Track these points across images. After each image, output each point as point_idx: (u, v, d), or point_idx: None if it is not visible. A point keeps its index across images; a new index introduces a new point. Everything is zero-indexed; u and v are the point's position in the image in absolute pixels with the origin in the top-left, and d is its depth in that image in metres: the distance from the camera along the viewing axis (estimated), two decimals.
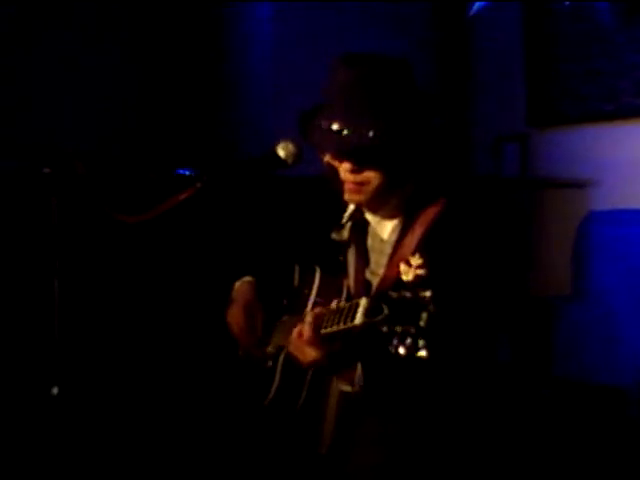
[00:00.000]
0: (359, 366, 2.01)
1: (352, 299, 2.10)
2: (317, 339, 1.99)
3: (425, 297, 1.76)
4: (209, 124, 4.13)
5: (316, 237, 2.32)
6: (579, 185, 4.05)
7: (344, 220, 2.26)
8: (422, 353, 1.75)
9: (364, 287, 2.18)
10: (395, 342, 1.76)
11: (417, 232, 2.11)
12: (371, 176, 2.08)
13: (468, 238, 2.08)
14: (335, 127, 2.05)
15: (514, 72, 4.43)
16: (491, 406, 2.19)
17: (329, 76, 2.11)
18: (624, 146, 4.03)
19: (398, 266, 2.06)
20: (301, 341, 2.01)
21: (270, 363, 2.29)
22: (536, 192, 4.04)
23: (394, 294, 1.79)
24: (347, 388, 2.07)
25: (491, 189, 3.71)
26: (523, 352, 3.94)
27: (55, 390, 2.19)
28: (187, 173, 2.17)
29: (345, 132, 2.03)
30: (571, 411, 3.72)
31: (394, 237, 2.17)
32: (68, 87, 3.77)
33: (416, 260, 2.03)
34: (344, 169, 2.10)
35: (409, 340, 1.75)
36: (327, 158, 2.14)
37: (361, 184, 2.10)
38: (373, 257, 2.22)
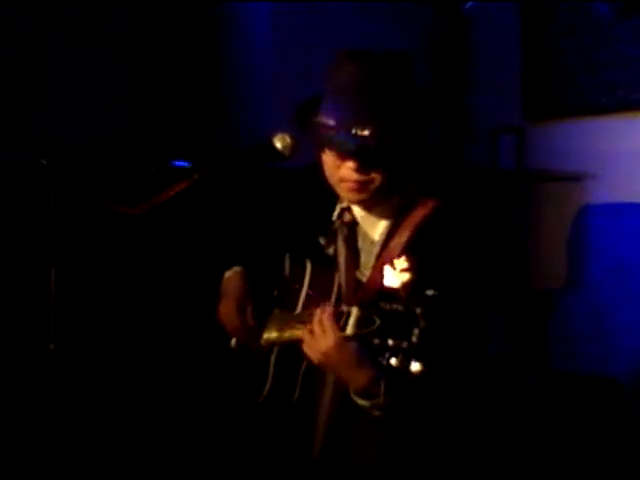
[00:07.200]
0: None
1: (342, 298, 2.10)
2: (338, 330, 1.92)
3: (417, 313, 1.75)
4: (207, 118, 4.13)
5: (307, 228, 2.29)
6: (575, 178, 4.06)
7: (333, 218, 2.23)
8: (415, 368, 1.75)
9: (355, 286, 2.15)
10: (387, 355, 1.77)
11: (404, 235, 2.09)
12: (376, 176, 2.05)
13: (457, 241, 2.05)
14: (344, 126, 2.00)
15: (510, 64, 4.43)
16: (487, 400, 2.18)
17: (333, 70, 2.07)
18: (621, 139, 4.03)
19: (383, 269, 1.98)
20: (319, 338, 1.94)
21: (263, 357, 2.26)
22: (532, 185, 4.05)
23: (386, 306, 1.78)
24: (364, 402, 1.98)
25: (486, 183, 3.73)
26: (518, 344, 3.95)
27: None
28: (184, 165, 2.18)
29: (355, 132, 1.99)
30: (566, 403, 3.73)
31: (383, 238, 2.15)
32: (66, 80, 3.77)
33: (401, 263, 1.94)
34: (347, 167, 2.05)
35: (401, 355, 1.75)
36: (327, 155, 2.10)
37: (364, 183, 2.06)
38: (363, 257, 2.19)
